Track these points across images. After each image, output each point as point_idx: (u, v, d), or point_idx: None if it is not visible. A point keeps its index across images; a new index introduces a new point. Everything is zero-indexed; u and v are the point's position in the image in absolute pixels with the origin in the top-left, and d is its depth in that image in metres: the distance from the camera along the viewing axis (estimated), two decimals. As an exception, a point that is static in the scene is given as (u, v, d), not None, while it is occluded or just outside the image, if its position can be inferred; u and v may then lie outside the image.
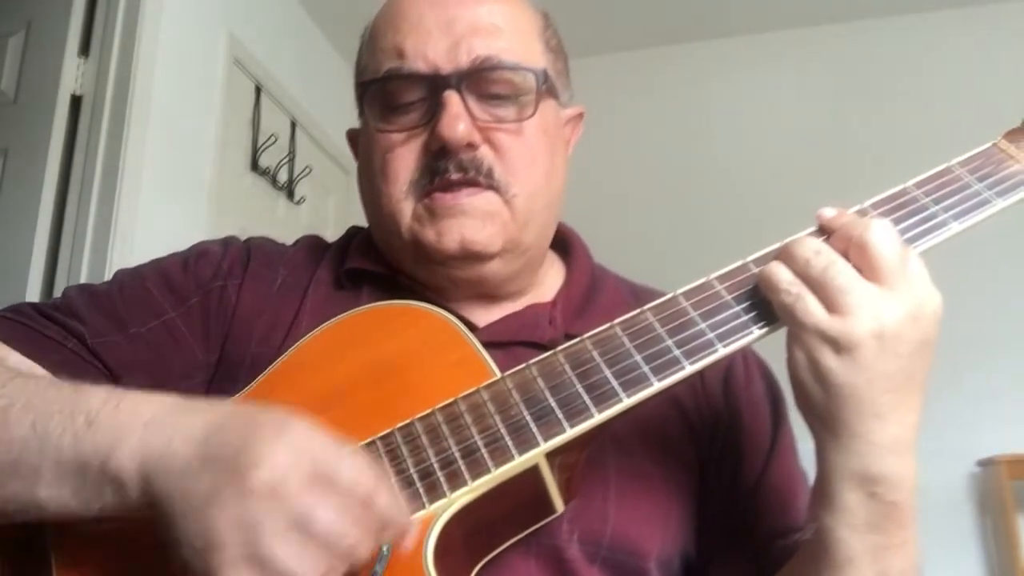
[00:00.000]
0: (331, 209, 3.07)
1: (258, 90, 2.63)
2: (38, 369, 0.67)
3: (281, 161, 2.72)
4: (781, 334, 0.61)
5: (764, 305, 0.60)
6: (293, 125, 2.81)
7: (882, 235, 0.57)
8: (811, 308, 0.56)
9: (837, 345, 0.55)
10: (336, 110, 3.07)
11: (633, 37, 2.99)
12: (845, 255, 0.58)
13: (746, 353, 0.81)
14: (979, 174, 0.65)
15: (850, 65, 2.94)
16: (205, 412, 0.54)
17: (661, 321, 0.61)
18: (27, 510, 0.55)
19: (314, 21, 3.01)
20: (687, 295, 0.62)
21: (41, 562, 0.58)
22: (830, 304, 0.56)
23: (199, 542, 0.48)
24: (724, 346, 0.60)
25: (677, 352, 0.60)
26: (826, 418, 0.58)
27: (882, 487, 0.57)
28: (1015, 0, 2.78)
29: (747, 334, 0.60)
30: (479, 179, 0.72)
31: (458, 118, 0.70)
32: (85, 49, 2.10)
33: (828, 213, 0.62)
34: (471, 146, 0.72)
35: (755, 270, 0.62)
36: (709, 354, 0.59)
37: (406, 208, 0.74)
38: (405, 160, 0.74)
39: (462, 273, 0.75)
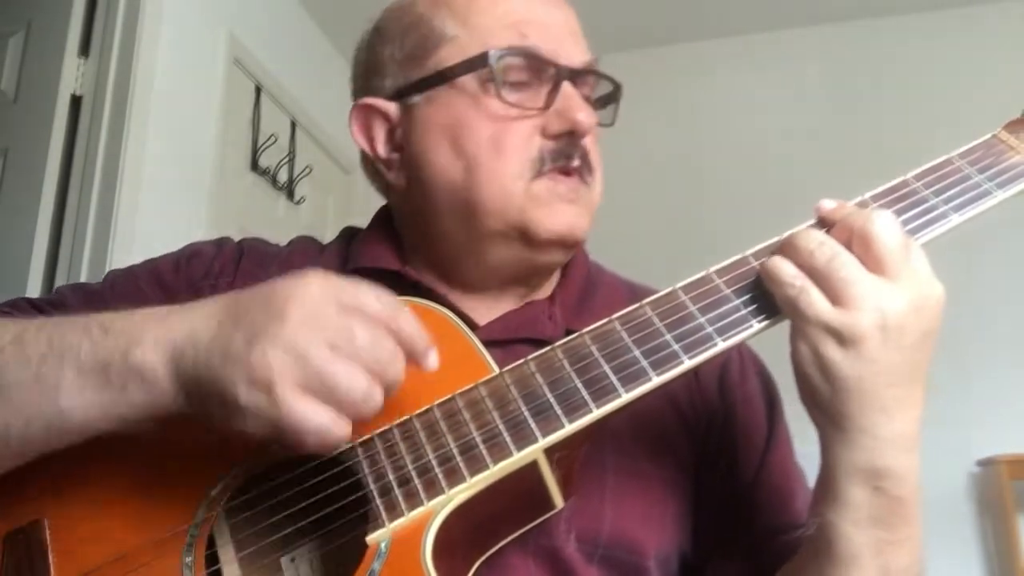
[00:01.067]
0: (331, 209, 3.07)
1: (258, 90, 2.63)
2: None
3: (281, 161, 2.72)
4: (779, 330, 0.60)
5: (764, 298, 0.60)
6: (293, 125, 2.81)
7: (885, 226, 0.57)
8: (815, 301, 0.56)
9: (841, 337, 0.55)
10: (336, 110, 3.06)
11: (632, 37, 2.99)
12: (847, 247, 0.57)
13: (741, 350, 0.80)
14: (979, 165, 0.65)
15: (849, 65, 2.94)
16: (215, 299, 0.57)
17: (660, 315, 0.61)
18: (50, 427, 0.56)
19: (314, 21, 3.02)
20: (686, 289, 0.62)
21: (38, 551, 0.59)
22: (834, 296, 0.55)
23: (252, 378, 0.51)
24: (723, 340, 0.59)
25: (676, 346, 0.59)
26: (831, 412, 0.57)
27: (887, 481, 0.57)
28: (1015, 0, 2.78)
29: (746, 328, 0.59)
30: (584, 172, 0.75)
31: (587, 107, 0.73)
32: (85, 49, 2.11)
33: (828, 205, 0.61)
34: (586, 136, 0.75)
35: (754, 263, 0.62)
36: (708, 348, 0.59)
37: (520, 186, 0.72)
38: (522, 137, 0.73)
39: (548, 258, 0.76)
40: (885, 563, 0.59)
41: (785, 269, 0.58)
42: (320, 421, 0.51)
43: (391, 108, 0.79)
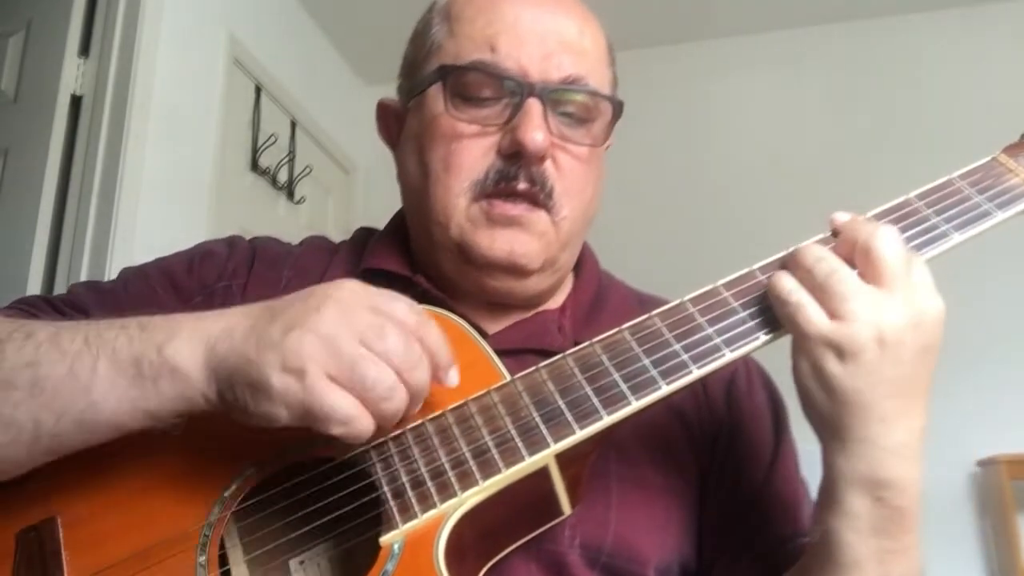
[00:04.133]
0: (331, 209, 3.07)
1: (258, 90, 2.63)
2: None
3: (281, 161, 2.72)
4: (784, 341, 0.61)
5: (770, 312, 0.61)
6: (293, 125, 2.81)
7: (886, 239, 0.57)
8: (812, 316, 0.56)
9: (840, 351, 0.56)
10: (336, 110, 3.07)
11: (633, 37, 2.99)
12: (850, 258, 0.58)
13: (748, 363, 0.81)
14: (979, 187, 0.66)
15: (850, 65, 2.94)
16: (250, 305, 0.59)
17: (669, 326, 0.62)
18: (80, 421, 0.56)
19: (314, 21, 3.01)
20: (694, 301, 0.63)
21: (51, 549, 0.59)
22: (832, 310, 0.56)
23: (286, 365, 0.53)
24: (731, 351, 0.60)
25: (685, 356, 0.60)
26: (832, 424, 0.58)
27: (888, 492, 0.58)
28: (1015, 0, 2.79)
29: (753, 340, 0.61)
30: (540, 196, 0.72)
31: (540, 128, 0.70)
32: (85, 49, 2.11)
33: (841, 218, 0.62)
34: (541, 159, 0.72)
35: (761, 277, 0.63)
36: (717, 359, 0.60)
37: (461, 204, 0.73)
38: (473, 155, 0.72)
39: (497, 283, 0.74)
40: (886, 570, 0.60)
41: (784, 285, 0.59)
42: (347, 410, 0.53)
43: (399, 109, 0.81)
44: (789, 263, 0.60)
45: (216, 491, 0.61)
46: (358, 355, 0.53)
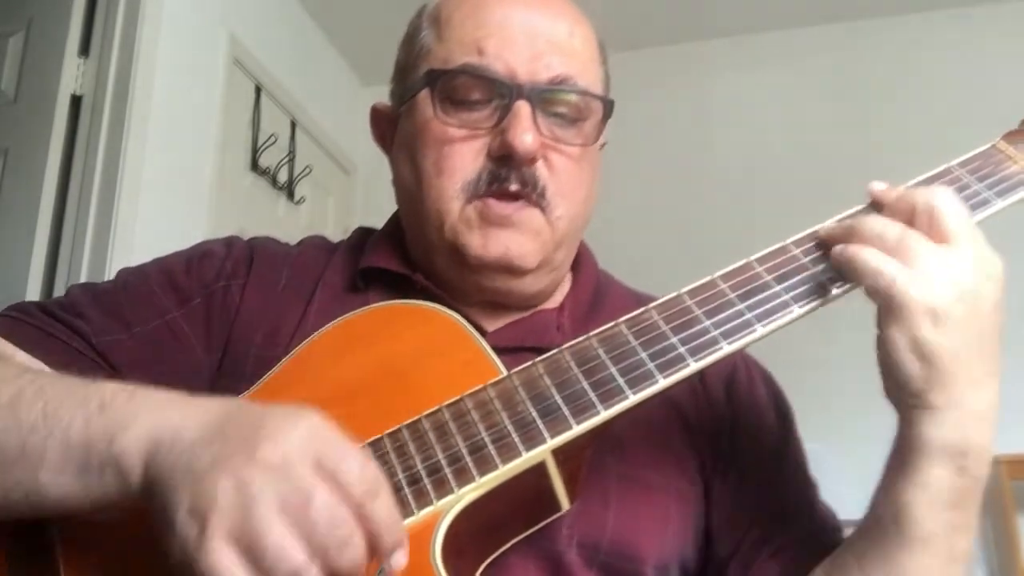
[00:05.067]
0: (331, 209, 3.07)
1: (258, 90, 2.63)
2: (45, 368, 0.67)
3: (281, 161, 2.72)
4: (786, 333, 0.61)
5: (768, 303, 0.60)
6: (293, 125, 2.81)
7: (949, 199, 0.58)
8: (909, 285, 0.56)
9: (935, 315, 0.55)
10: (336, 110, 3.07)
11: (633, 37, 3.00)
12: (909, 224, 0.58)
13: (747, 359, 0.81)
14: (979, 175, 0.66)
15: (850, 65, 2.94)
16: (219, 402, 0.54)
17: (666, 319, 0.62)
18: (27, 498, 0.54)
19: (314, 21, 3.01)
20: (691, 293, 0.63)
21: (47, 562, 0.58)
22: (914, 274, 0.56)
23: (194, 506, 0.46)
24: (728, 343, 0.60)
25: (682, 349, 0.60)
26: (924, 393, 0.57)
27: (970, 460, 0.58)
28: (1015, 0, 2.79)
29: (751, 332, 0.60)
30: (532, 195, 0.72)
31: (529, 130, 0.70)
32: (85, 49, 2.10)
33: (879, 186, 0.61)
34: (532, 160, 0.72)
35: (759, 268, 0.63)
36: (714, 351, 0.60)
37: (455, 207, 0.73)
38: (464, 158, 0.72)
39: (493, 283, 0.74)
40: (952, 546, 0.60)
41: (868, 258, 0.57)
42: None
43: (392, 114, 0.82)
44: (850, 235, 0.59)
45: None
46: (266, 525, 0.45)
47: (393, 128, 0.82)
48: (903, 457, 0.60)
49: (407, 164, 0.78)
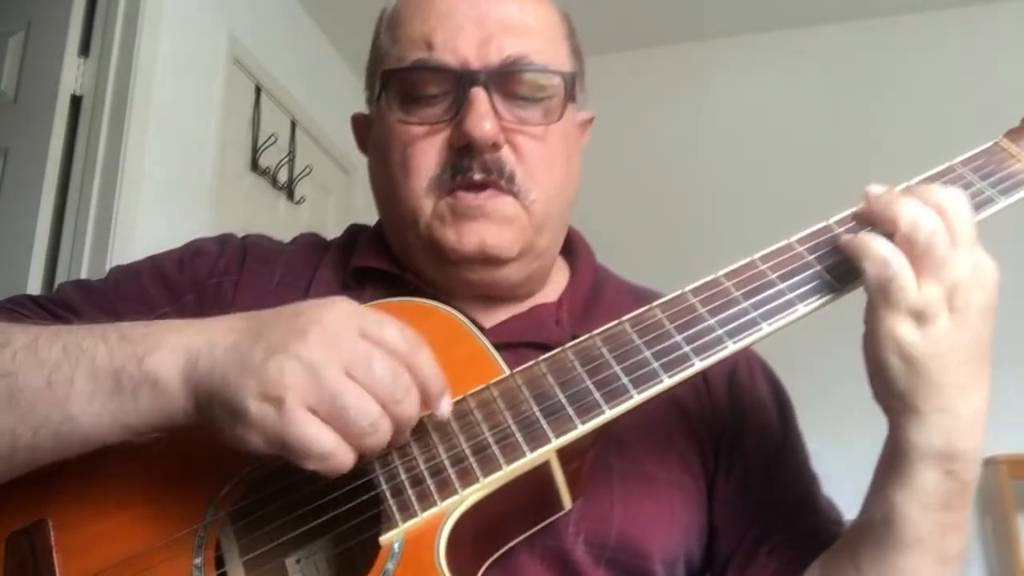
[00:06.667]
0: (331, 209, 3.06)
1: (258, 90, 2.62)
2: None
3: (281, 161, 2.71)
4: (786, 332, 0.60)
5: (773, 301, 0.60)
6: (293, 125, 2.81)
7: (961, 202, 0.57)
8: (906, 284, 0.55)
9: (921, 316, 0.55)
10: (336, 110, 3.06)
11: (631, 37, 3.00)
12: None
13: (749, 355, 0.81)
14: (981, 172, 0.65)
15: (849, 65, 2.94)
16: (238, 316, 0.57)
17: (670, 317, 0.61)
18: (57, 434, 0.55)
19: (314, 21, 3.01)
20: (695, 291, 0.62)
21: (43, 551, 0.59)
22: (921, 272, 0.55)
23: (264, 391, 0.50)
24: (734, 342, 0.59)
25: (687, 348, 0.59)
26: (909, 396, 0.57)
27: (959, 464, 0.58)
28: (1015, 0, 2.78)
29: (757, 330, 0.60)
30: (500, 182, 0.71)
31: (485, 117, 0.69)
32: (85, 49, 2.10)
33: (877, 190, 0.61)
34: (495, 146, 0.71)
35: (762, 266, 0.62)
36: (719, 350, 0.59)
37: (426, 204, 0.72)
38: (427, 155, 0.72)
39: (475, 275, 0.74)
40: (945, 546, 0.60)
41: (879, 248, 0.56)
42: (324, 446, 0.51)
43: (367, 121, 0.83)
44: (882, 216, 0.58)
45: (210, 492, 0.61)
46: (341, 386, 0.51)
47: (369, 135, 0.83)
48: (892, 460, 0.60)
49: (379, 168, 0.78)
